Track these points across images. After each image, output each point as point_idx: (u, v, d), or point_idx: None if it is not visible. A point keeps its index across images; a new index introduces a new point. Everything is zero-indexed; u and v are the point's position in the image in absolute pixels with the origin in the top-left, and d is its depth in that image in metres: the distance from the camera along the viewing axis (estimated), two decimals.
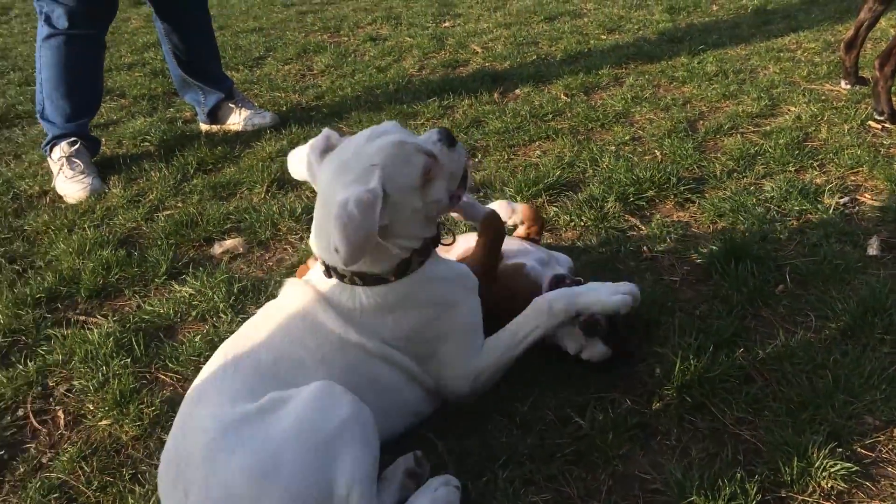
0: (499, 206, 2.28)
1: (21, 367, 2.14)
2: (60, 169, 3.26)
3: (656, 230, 2.59)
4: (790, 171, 2.92)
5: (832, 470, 1.58)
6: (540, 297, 1.84)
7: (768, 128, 3.34)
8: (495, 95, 4.02)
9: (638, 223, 2.66)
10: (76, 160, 3.28)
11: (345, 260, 1.54)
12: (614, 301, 1.80)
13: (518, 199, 2.80)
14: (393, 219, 1.61)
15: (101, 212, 3.01)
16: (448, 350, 1.76)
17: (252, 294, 2.40)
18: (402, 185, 1.61)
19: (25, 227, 2.95)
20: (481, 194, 2.92)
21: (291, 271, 2.50)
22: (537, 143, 3.42)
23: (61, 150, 3.30)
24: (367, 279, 1.67)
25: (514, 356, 1.81)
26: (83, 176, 3.23)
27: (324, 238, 1.62)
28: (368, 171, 1.58)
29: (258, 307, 2.29)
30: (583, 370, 1.93)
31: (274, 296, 2.34)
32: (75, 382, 2.07)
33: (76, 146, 3.32)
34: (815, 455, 1.61)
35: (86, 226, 2.87)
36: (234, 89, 3.89)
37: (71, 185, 3.20)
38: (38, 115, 3.44)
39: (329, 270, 1.70)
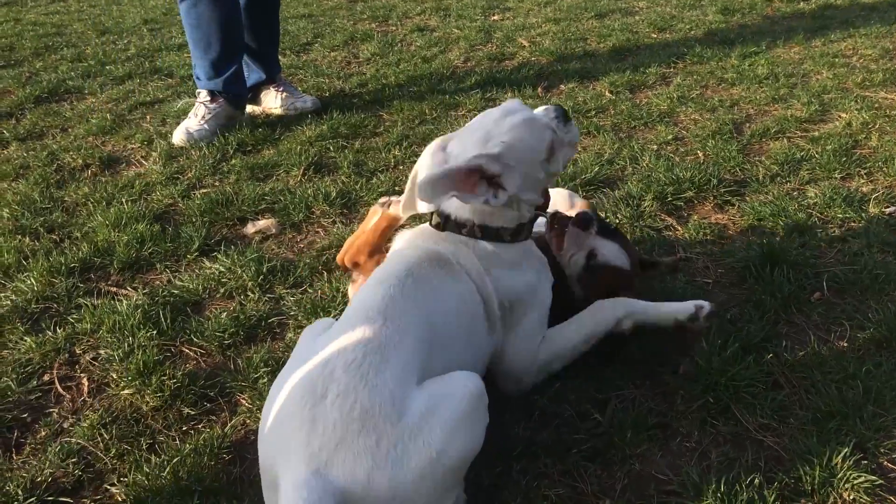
0: (559, 194, 2.28)
1: (50, 333, 2.18)
2: (194, 108, 3.58)
3: (693, 231, 2.54)
4: (836, 178, 2.84)
5: (855, 482, 1.53)
6: (607, 305, 1.88)
7: (816, 133, 3.25)
8: (539, 90, 3.98)
9: (674, 223, 2.61)
10: (206, 111, 3.54)
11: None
12: (685, 310, 1.88)
13: None
14: (521, 185, 1.74)
15: (140, 186, 3.05)
16: (526, 326, 1.80)
17: (281, 274, 2.40)
18: (530, 157, 1.77)
19: (66, 199, 3.00)
20: None
21: (322, 254, 2.51)
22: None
23: (203, 95, 3.57)
24: (486, 232, 1.77)
25: (577, 353, 1.86)
26: (197, 126, 3.49)
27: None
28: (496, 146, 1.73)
29: (286, 288, 2.33)
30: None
31: (303, 277, 2.39)
32: (101, 351, 2.10)
33: (215, 100, 3.56)
34: (838, 465, 1.56)
35: (124, 199, 2.91)
36: (280, 76, 3.91)
37: (182, 126, 3.52)
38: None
39: (446, 223, 1.78)
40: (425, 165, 1.81)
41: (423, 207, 1.84)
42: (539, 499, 1.58)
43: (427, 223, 1.85)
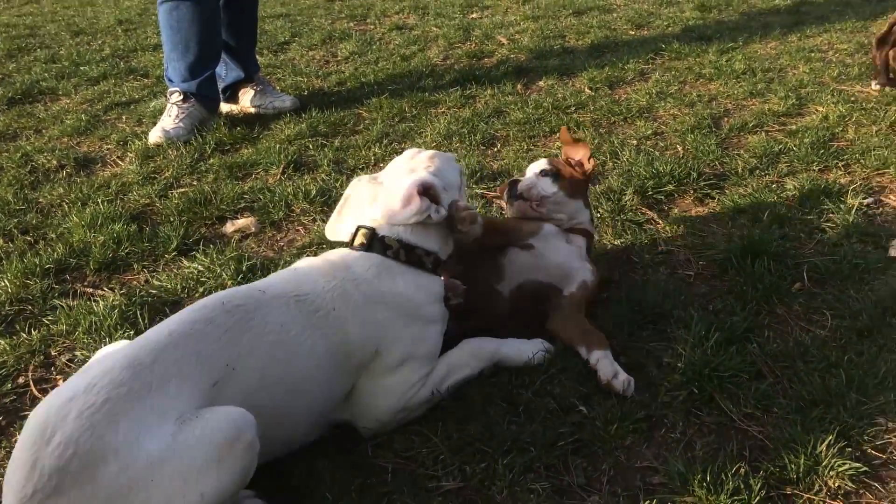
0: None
1: (25, 335, 2.14)
2: (167, 109, 3.55)
3: (673, 224, 2.55)
4: (814, 171, 2.86)
5: (840, 469, 1.53)
6: (469, 341, 1.89)
7: (794, 127, 3.27)
8: (518, 87, 3.98)
9: (655, 216, 2.61)
10: (179, 111, 3.50)
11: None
12: (529, 351, 1.90)
13: None
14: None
15: (116, 187, 3.01)
16: (400, 377, 1.72)
17: (261, 273, 2.37)
18: (453, 182, 1.90)
19: (40, 200, 2.95)
20: (497, 182, 2.88)
21: (302, 252, 2.48)
22: (558, 134, 3.37)
23: (174, 96, 3.53)
24: (410, 255, 1.78)
25: (442, 394, 1.80)
26: (173, 125, 3.46)
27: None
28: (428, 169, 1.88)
29: None
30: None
31: None
32: (78, 353, 2.06)
33: (188, 101, 3.52)
34: (823, 453, 1.56)
35: (99, 200, 2.87)
36: (258, 75, 3.88)
37: (158, 126, 3.48)
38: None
39: (372, 242, 1.79)
40: (361, 197, 1.90)
41: (342, 233, 1.90)
42: (525, 493, 1.57)
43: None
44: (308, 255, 2.43)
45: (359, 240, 1.80)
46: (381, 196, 1.85)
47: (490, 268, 2.03)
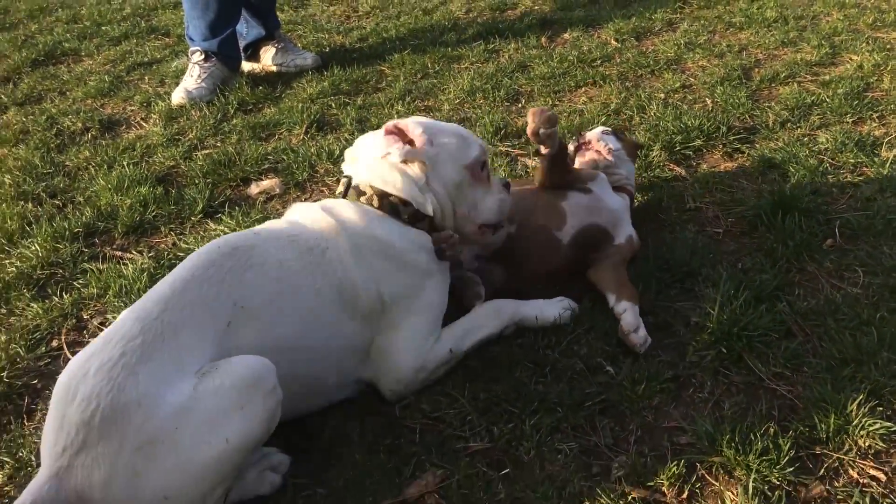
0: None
1: (57, 299, 2.17)
2: (189, 70, 3.54)
3: (702, 180, 2.50)
4: (847, 123, 2.79)
5: (870, 428, 1.52)
6: (490, 302, 1.90)
7: (827, 77, 3.18)
8: (543, 40, 3.91)
9: (683, 172, 2.57)
10: (201, 71, 3.49)
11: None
12: (554, 311, 1.89)
13: None
14: (436, 168, 1.80)
15: (141, 149, 3.02)
16: (407, 329, 1.73)
17: None
18: (452, 150, 1.83)
19: (67, 163, 2.97)
20: (522, 140, 2.85)
21: None
22: (583, 88, 3.32)
23: (196, 55, 3.52)
24: (383, 202, 1.76)
25: (461, 353, 1.81)
26: (195, 85, 3.44)
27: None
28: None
29: None
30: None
31: None
32: (109, 316, 2.09)
33: (209, 60, 3.51)
34: (853, 413, 1.55)
35: (125, 162, 2.88)
36: (279, 32, 3.84)
37: (180, 87, 3.47)
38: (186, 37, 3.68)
39: (347, 190, 1.81)
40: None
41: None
42: (552, 453, 1.58)
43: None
44: None
45: (339, 188, 1.84)
46: (361, 146, 1.88)
47: (549, 215, 2.02)
